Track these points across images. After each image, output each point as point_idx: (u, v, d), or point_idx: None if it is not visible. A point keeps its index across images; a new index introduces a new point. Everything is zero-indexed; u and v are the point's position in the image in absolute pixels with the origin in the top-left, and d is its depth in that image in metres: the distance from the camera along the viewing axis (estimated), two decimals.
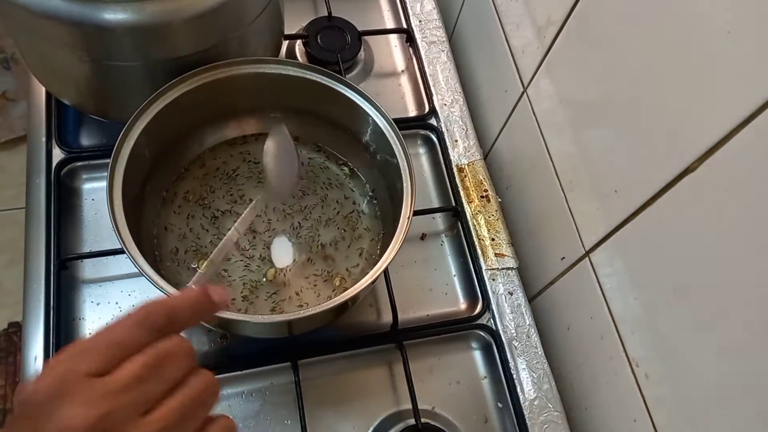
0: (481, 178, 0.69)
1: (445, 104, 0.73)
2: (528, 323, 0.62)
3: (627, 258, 0.49)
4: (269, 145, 0.55)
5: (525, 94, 0.63)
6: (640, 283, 0.48)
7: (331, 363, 0.58)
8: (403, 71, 0.76)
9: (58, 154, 0.62)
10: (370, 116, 0.55)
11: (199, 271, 0.47)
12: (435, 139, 0.71)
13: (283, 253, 0.57)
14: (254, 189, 0.60)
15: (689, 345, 0.43)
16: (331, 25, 0.74)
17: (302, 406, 0.54)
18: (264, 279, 0.56)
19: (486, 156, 0.74)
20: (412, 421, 0.55)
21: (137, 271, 0.44)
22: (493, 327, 0.61)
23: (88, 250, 0.59)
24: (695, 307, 0.42)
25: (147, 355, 0.29)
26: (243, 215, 0.51)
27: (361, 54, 0.75)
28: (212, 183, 0.59)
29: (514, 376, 0.59)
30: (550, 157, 0.59)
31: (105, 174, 0.48)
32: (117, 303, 0.57)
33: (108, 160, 0.48)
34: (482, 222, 0.66)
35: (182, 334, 0.33)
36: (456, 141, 0.71)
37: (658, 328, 0.46)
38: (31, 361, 0.54)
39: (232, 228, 0.50)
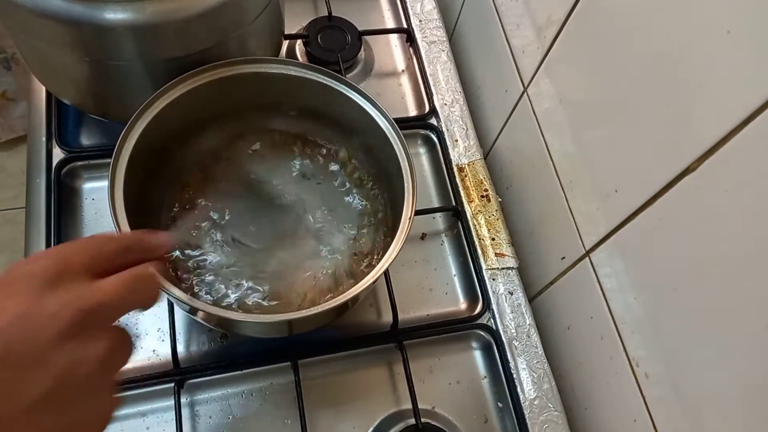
0: (482, 177, 0.69)
1: (446, 104, 0.73)
2: (528, 323, 0.62)
3: (627, 258, 0.49)
4: None
5: (525, 93, 0.63)
6: (640, 283, 0.48)
7: (331, 363, 0.58)
8: (403, 71, 0.76)
9: (58, 154, 0.62)
10: (371, 116, 0.55)
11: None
12: (435, 138, 0.71)
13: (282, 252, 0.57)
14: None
15: (689, 345, 0.43)
16: (331, 25, 0.74)
17: (302, 406, 0.54)
18: (264, 278, 0.56)
19: (486, 156, 0.74)
20: (412, 421, 0.55)
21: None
22: (494, 327, 0.61)
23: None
24: (695, 307, 0.42)
25: (124, 275, 0.34)
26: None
27: (362, 54, 0.75)
28: (213, 182, 0.59)
29: (514, 376, 0.59)
30: (551, 156, 0.59)
31: (105, 174, 0.48)
32: None
33: (108, 160, 0.48)
34: (482, 222, 0.66)
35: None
36: (456, 141, 0.71)
37: (658, 328, 0.46)
38: None
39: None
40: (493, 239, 0.65)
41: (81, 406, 0.30)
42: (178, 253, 0.54)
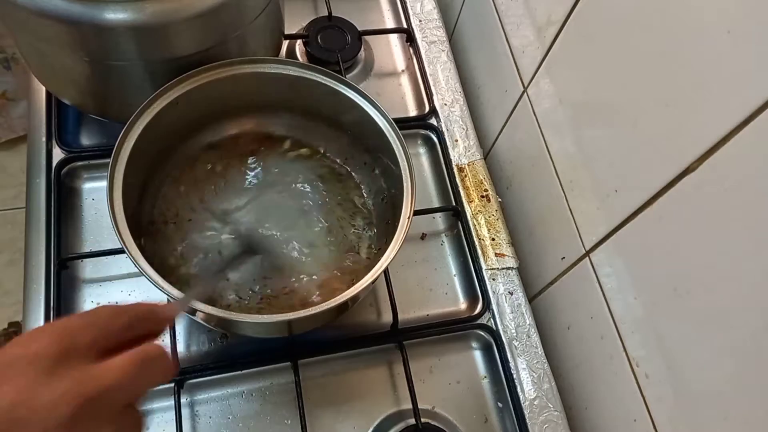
0: (482, 177, 0.69)
1: (446, 104, 0.73)
2: (528, 323, 0.62)
3: (627, 258, 0.49)
4: None
5: (525, 93, 0.63)
6: (640, 283, 0.48)
7: (331, 363, 0.58)
8: (403, 71, 0.76)
9: (58, 154, 0.62)
10: (371, 116, 0.55)
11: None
12: (435, 138, 0.71)
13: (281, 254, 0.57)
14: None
15: (689, 345, 0.43)
16: (331, 25, 0.74)
17: (302, 406, 0.54)
18: (263, 278, 0.56)
19: (486, 156, 0.74)
20: (412, 421, 0.55)
21: (137, 271, 0.44)
22: (494, 327, 0.61)
23: (88, 250, 0.59)
24: (695, 307, 0.42)
25: (132, 355, 0.31)
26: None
27: (362, 54, 0.75)
28: (212, 183, 0.59)
29: (514, 376, 0.59)
30: (551, 156, 0.59)
31: (105, 174, 0.48)
32: (117, 303, 0.57)
33: (108, 160, 0.48)
34: (482, 222, 0.66)
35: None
36: (456, 141, 0.71)
37: (658, 328, 0.46)
38: None
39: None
40: (493, 239, 0.65)
41: None
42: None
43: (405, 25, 0.77)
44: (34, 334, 0.30)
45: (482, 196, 0.68)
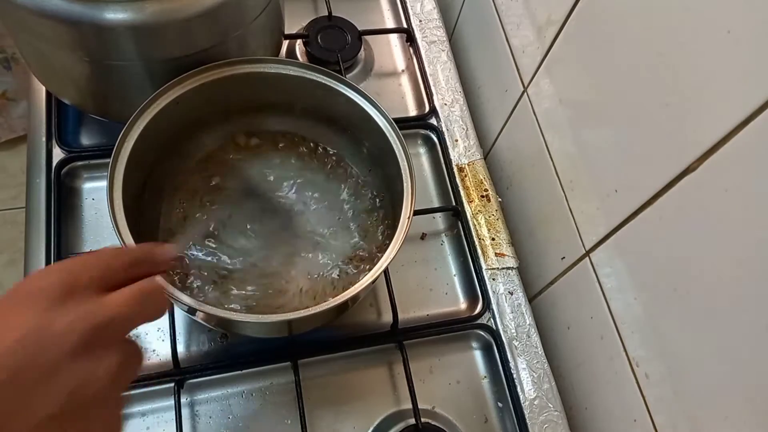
0: (482, 177, 0.69)
1: (446, 104, 0.73)
2: (528, 323, 0.62)
3: (627, 258, 0.49)
4: None
5: (525, 93, 0.63)
6: (640, 283, 0.48)
7: (331, 363, 0.58)
8: (403, 71, 0.76)
9: (58, 154, 0.62)
10: (371, 116, 0.55)
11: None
12: (435, 138, 0.71)
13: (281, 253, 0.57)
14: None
15: (689, 345, 0.43)
16: (331, 25, 0.74)
17: (302, 406, 0.54)
18: (263, 277, 0.56)
19: (486, 156, 0.74)
20: (412, 421, 0.55)
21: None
22: (494, 327, 0.61)
23: (88, 250, 0.59)
24: (695, 307, 0.42)
25: (132, 290, 0.33)
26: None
27: (362, 54, 0.75)
28: (212, 182, 0.59)
29: (514, 376, 0.59)
30: (551, 156, 0.59)
31: (105, 174, 0.47)
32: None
33: (108, 160, 0.48)
34: (482, 222, 0.66)
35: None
36: (456, 140, 0.71)
37: (658, 328, 0.46)
38: None
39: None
40: (493, 239, 0.65)
41: (88, 420, 0.30)
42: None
43: (405, 25, 0.77)
44: (41, 273, 0.32)
45: (482, 196, 0.68)
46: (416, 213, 0.52)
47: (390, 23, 0.80)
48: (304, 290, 0.56)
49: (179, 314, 0.57)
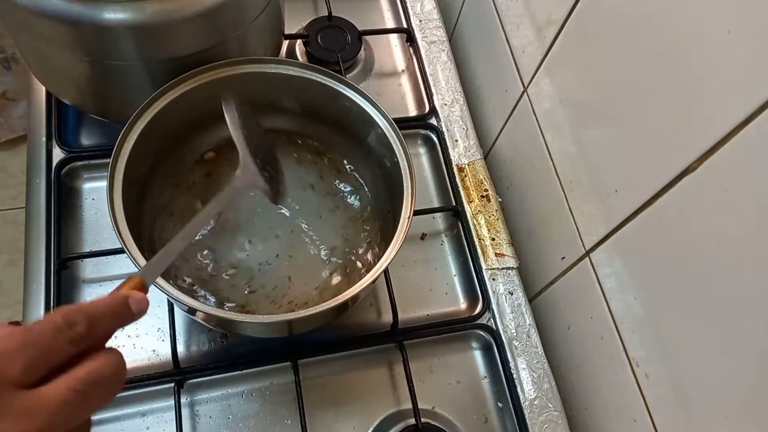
0: (482, 177, 0.69)
1: (446, 104, 0.73)
2: (528, 323, 0.62)
3: (627, 258, 0.49)
4: (231, 118, 0.48)
5: (525, 93, 0.63)
6: (640, 283, 0.48)
7: (331, 363, 0.58)
8: (403, 71, 0.76)
9: (58, 154, 0.62)
10: (371, 116, 0.55)
11: (153, 258, 0.40)
12: (435, 138, 0.71)
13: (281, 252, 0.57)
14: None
15: (689, 345, 0.43)
16: (331, 25, 0.74)
17: (302, 406, 0.54)
18: (262, 277, 0.56)
19: (486, 156, 0.74)
20: (412, 421, 0.55)
21: (137, 270, 0.44)
22: (494, 327, 0.61)
23: (88, 250, 0.59)
24: (695, 307, 0.42)
25: (75, 380, 0.27)
26: (208, 207, 0.45)
27: (362, 54, 0.75)
28: (212, 182, 0.59)
29: (514, 376, 0.59)
30: (551, 156, 0.59)
31: (105, 174, 0.48)
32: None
33: (108, 160, 0.48)
34: (482, 222, 0.66)
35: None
36: (456, 141, 0.71)
37: (658, 328, 0.46)
38: None
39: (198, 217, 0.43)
40: (493, 239, 0.65)
41: None
42: None
43: (405, 25, 0.77)
44: None
45: (482, 196, 0.68)
46: (416, 213, 0.52)
47: (390, 23, 0.80)
48: (303, 290, 0.56)
49: (179, 314, 0.57)
